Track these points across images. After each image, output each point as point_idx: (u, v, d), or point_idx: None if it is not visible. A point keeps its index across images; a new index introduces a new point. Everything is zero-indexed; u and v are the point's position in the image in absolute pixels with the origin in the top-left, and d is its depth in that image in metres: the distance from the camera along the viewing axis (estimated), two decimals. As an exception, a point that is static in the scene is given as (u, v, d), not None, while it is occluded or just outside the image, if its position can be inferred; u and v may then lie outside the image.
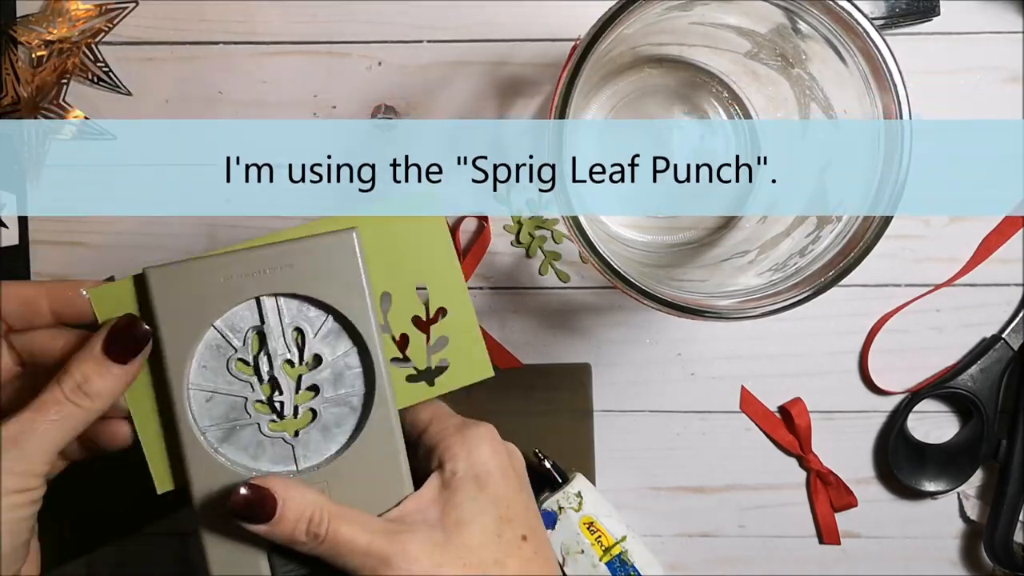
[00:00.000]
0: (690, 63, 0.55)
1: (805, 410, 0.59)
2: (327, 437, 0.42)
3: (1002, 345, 0.58)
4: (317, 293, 0.41)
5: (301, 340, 0.42)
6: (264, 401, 0.42)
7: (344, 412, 0.42)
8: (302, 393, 0.42)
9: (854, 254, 0.44)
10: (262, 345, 0.41)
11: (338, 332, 0.42)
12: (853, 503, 0.59)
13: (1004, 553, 0.58)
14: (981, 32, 0.57)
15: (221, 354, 0.41)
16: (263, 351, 0.41)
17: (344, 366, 0.42)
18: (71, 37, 0.56)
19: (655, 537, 0.60)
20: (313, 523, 0.39)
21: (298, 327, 0.42)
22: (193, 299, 0.40)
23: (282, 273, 0.41)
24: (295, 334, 0.42)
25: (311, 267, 0.41)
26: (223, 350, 0.41)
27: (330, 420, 0.42)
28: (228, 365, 0.41)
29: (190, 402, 0.41)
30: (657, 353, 0.59)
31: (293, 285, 0.41)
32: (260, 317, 0.41)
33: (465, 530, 0.40)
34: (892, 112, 0.43)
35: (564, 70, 0.42)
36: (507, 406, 0.58)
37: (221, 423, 0.41)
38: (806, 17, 0.44)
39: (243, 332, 0.41)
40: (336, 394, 0.42)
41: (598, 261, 0.43)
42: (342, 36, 0.57)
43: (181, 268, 0.40)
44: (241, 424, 0.41)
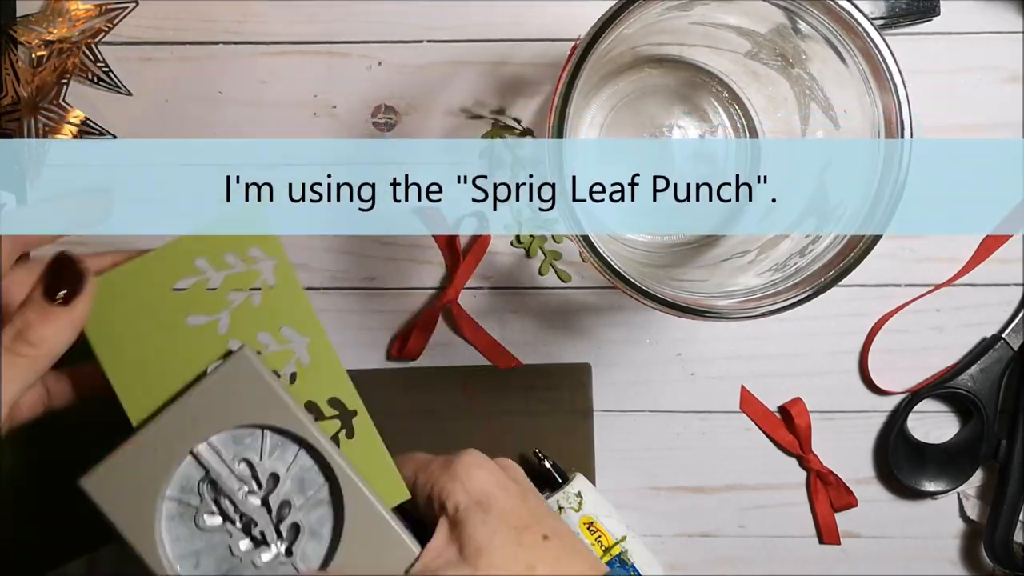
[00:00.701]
0: (690, 63, 0.55)
1: (805, 410, 0.59)
2: (318, 540, 0.43)
3: (1002, 345, 0.58)
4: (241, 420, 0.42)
5: (250, 469, 0.43)
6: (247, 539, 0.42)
7: (322, 511, 0.43)
8: (276, 512, 0.43)
9: (854, 254, 0.44)
10: (218, 491, 0.42)
11: (280, 442, 0.43)
12: (853, 503, 0.59)
13: (1004, 553, 0.58)
14: (981, 32, 0.57)
15: (186, 518, 0.42)
16: (221, 496, 0.42)
17: (300, 469, 0.43)
18: (71, 37, 0.56)
19: (655, 537, 0.60)
20: None
21: (244, 458, 0.42)
22: (135, 487, 0.41)
23: (200, 420, 0.42)
24: (243, 465, 0.43)
25: (222, 401, 0.42)
26: (186, 514, 0.42)
27: (314, 524, 0.43)
28: (197, 523, 0.42)
29: (180, 573, 0.42)
30: (657, 353, 0.59)
31: (216, 426, 0.42)
32: (203, 467, 0.42)
33: (486, 553, 0.41)
34: (892, 112, 0.43)
35: (564, 70, 0.42)
36: (507, 406, 0.58)
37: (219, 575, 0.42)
38: (806, 17, 0.44)
39: (194, 488, 0.42)
40: (306, 498, 0.43)
41: (598, 261, 0.43)
42: (342, 36, 0.57)
43: (111, 466, 0.41)
44: (234, 570, 0.42)
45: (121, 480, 0.41)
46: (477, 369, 0.58)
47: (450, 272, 0.58)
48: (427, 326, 0.58)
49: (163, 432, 0.41)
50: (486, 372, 0.58)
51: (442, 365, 0.59)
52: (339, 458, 0.42)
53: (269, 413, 0.42)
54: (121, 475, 0.41)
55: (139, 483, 0.41)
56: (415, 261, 0.58)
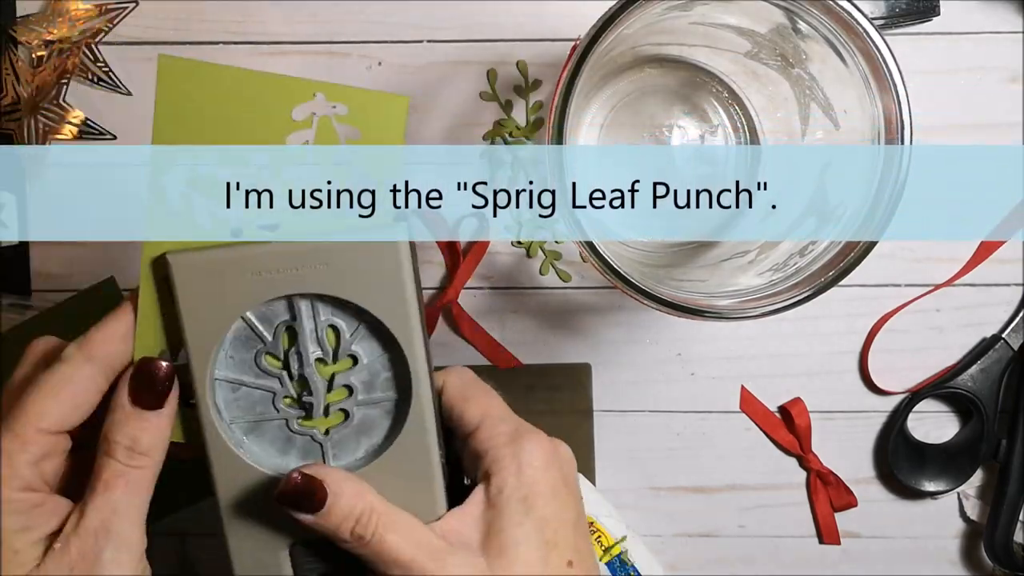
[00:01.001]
0: (690, 63, 0.55)
1: (805, 410, 0.59)
2: (359, 439, 0.40)
3: (1002, 345, 0.58)
4: (356, 299, 0.38)
5: (336, 338, 0.39)
6: (294, 398, 0.40)
7: (379, 415, 0.40)
8: (335, 392, 0.40)
9: (854, 254, 0.43)
10: (293, 341, 0.39)
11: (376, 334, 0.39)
12: (853, 503, 0.59)
13: (1004, 553, 0.58)
14: (981, 32, 0.57)
15: (250, 346, 0.39)
16: (294, 348, 0.39)
17: (381, 368, 0.40)
18: (71, 37, 0.56)
19: (655, 537, 0.60)
20: (360, 523, 0.37)
21: (333, 325, 0.39)
22: (218, 292, 0.38)
23: (316, 272, 0.38)
24: (330, 331, 0.39)
25: (349, 267, 0.38)
26: (252, 342, 0.39)
27: (363, 422, 0.40)
28: (256, 359, 0.39)
29: (215, 393, 0.39)
30: (657, 353, 0.59)
31: (330, 287, 0.38)
32: (292, 314, 0.39)
33: (507, 557, 0.39)
34: (892, 112, 0.43)
35: (564, 70, 0.42)
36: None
37: (247, 415, 0.39)
38: (806, 17, 0.44)
39: (274, 325, 0.39)
40: (369, 396, 0.40)
41: (598, 262, 0.43)
42: (342, 36, 0.57)
43: (206, 258, 0.38)
44: (268, 418, 0.39)
45: (208, 278, 0.37)
46: (477, 369, 0.58)
47: (450, 272, 0.58)
48: (427, 326, 0.58)
49: (274, 260, 0.38)
50: (486, 372, 0.58)
51: (442, 365, 0.58)
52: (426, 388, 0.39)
53: (390, 313, 0.38)
54: (211, 274, 0.37)
55: (225, 290, 0.38)
56: (415, 261, 0.58)
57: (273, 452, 0.40)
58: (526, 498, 0.39)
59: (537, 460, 0.40)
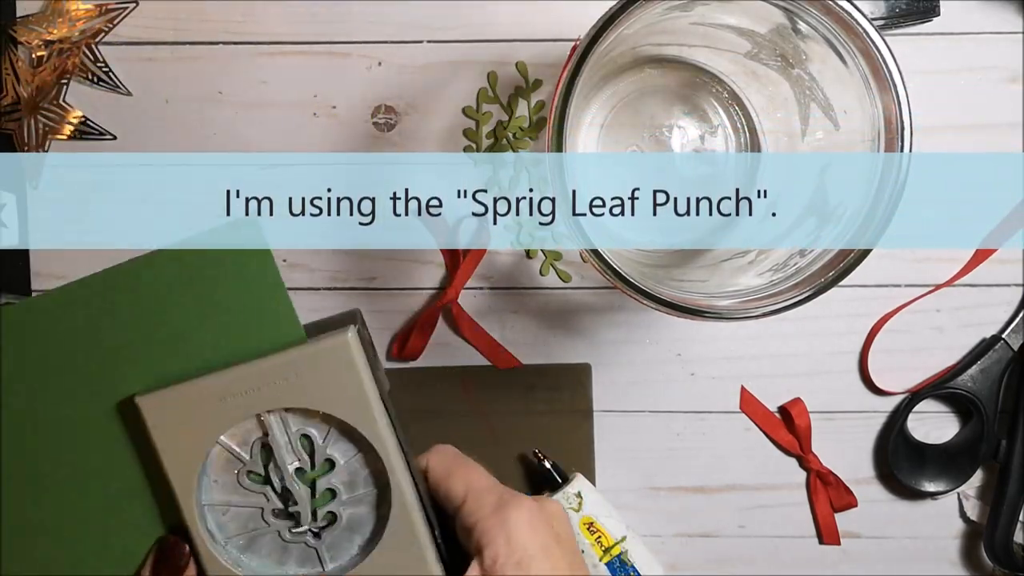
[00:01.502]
0: (690, 63, 0.55)
1: (805, 410, 0.59)
2: (351, 537, 0.42)
3: (1002, 345, 0.58)
4: (319, 406, 0.40)
5: (310, 446, 0.41)
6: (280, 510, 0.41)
7: (365, 511, 0.42)
8: (320, 496, 0.41)
9: (854, 254, 0.43)
10: (270, 456, 0.41)
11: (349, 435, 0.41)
12: (853, 503, 0.59)
13: (1004, 553, 0.58)
14: (981, 32, 0.57)
15: (231, 468, 0.41)
16: (272, 462, 0.41)
17: (359, 465, 0.41)
18: (71, 37, 0.56)
19: (655, 537, 0.60)
20: None
21: (305, 434, 0.41)
22: (190, 423, 0.39)
23: (278, 387, 0.39)
24: (303, 441, 0.41)
25: (309, 379, 0.39)
26: (232, 464, 0.41)
27: (352, 520, 0.42)
28: (239, 479, 0.41)
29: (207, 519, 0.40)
30: (657, 353, 0.59)
31: (292, 400, 0.40)
32: (263, 431, 0.40)
33: None
34: (892, 112, 0.43)
35: (564, 70, 0.42)
36: (507, 406, 0.58)
37: (241, 533, 0.41)
38: (806, 17, 0.44)
39: (250, 444, 0.41)
40: (353, 495, 0.41)
41: (599, 262, 0.43)
42: (342, 36, 0.57)
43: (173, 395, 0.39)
44: (261, 531, 0.41)
45: (179, 412, 0.39)
46: (477, 369, 0.58)
47: (450, 272, 0.58)
48: (427, 326, 0.58)
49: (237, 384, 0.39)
50: (486, 372, 0.58)
51: (442, 365, 0.59)
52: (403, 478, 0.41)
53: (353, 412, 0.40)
54: (181, 408, 0.39)
55: (196, 420, 0.39)
56: (415, 261, 0.58)
57: (271, 564, 0.41)
58: (519, 563, 0.41)
59: (524, 524, 0.41)
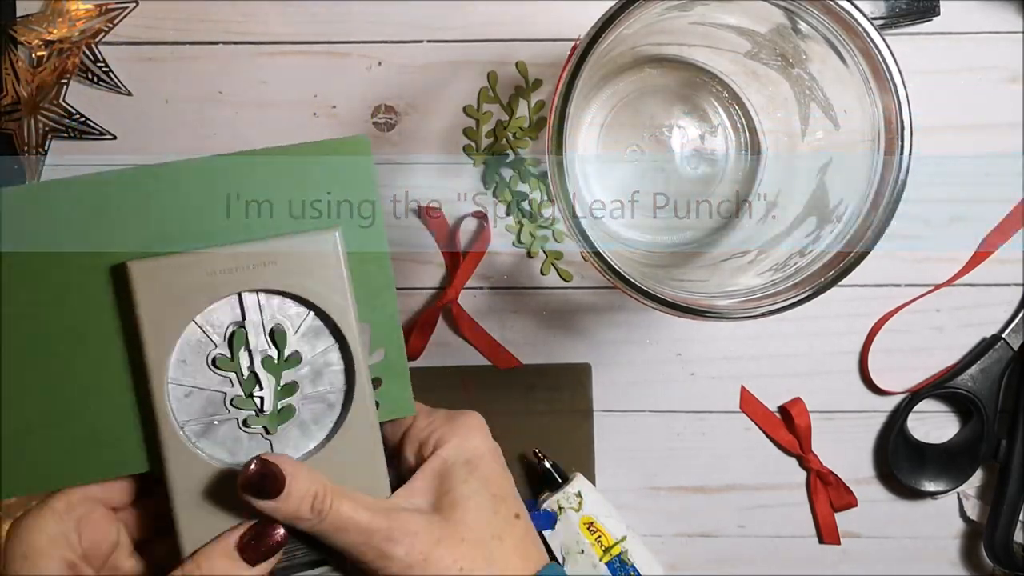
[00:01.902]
0: (690, 63, 0.55)
1: (805, 410, 0.59)
2: (305, 433, 0.42)
3: (1002, 345, 0.58)
4: (299, 290, 0.41)
5: (282, 337, 0.42)
6: (243, 396, 0.42)
7: (322, 409, 0.42)
8: (281, 388, 0.42)
9: (854, 254, 0.43)
10: (242, 341, 0.42)
11: (319, 329, 0.42)
12: (853, 503, 0.59)
13: (1004, 553, 0.58)
14: (981, 32, 0.57)
15: (201, 350, 0.41)
16: (243, 347, 0.42)
17: (324, 363, 0.42)
18: (71, 37, 0.56)
19: (655, 537, 0.60)
20: (317, 499, 0.39)
21: (278, 324, 0.42)
22: (175, 294, 0.41)
23: (265, 270, 0.41)
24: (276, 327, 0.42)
25: (294, 264, 0.41)
26: (203, 346, 0.41)
27: (308, 417, 0.42)
28: (208, 361, 0.41)
29: (169, 396, 0.41)
30: (657, 353, 0.59)
31: (275, 282, 0.41)
32: (241, 313, 0.41)
33: (460, 508, 0.41)
34: (892, 112, 0.43)
35: (564, 70, 0.42)
36: (507, 406, 0.58)
37: (200, 418, 0.42)
38: (806, 17, 0.44)
39: (223, 328, 0.41)
40: (315, 391, 0.42)
41: (599, 262, 0.43)
42: (342, 36, 0.57)
43: (164, 263, 0.41)
44: (220, 419, 0.42)
45: (166, 281, 0.40)
46: (477, 369, 0.58)
47: (450, 272, 0.58)
48: (427, 326, 0.58)
49: (226, 261, 0.41)
50: (486, 372, 0.58)
51: (442, 365, 0.59)
52: (365, 372, 0.42)
53: (328, 299, 0.42)
54: (169, 277, 0.41)
55: (181, 292, 0.41)
56: (415, 261, 0.58)
57: (224, 453, 0.42)
58: (469, 460, 0.42)
59: (476, 431, 0.43)
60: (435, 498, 0.42)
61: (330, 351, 0.42)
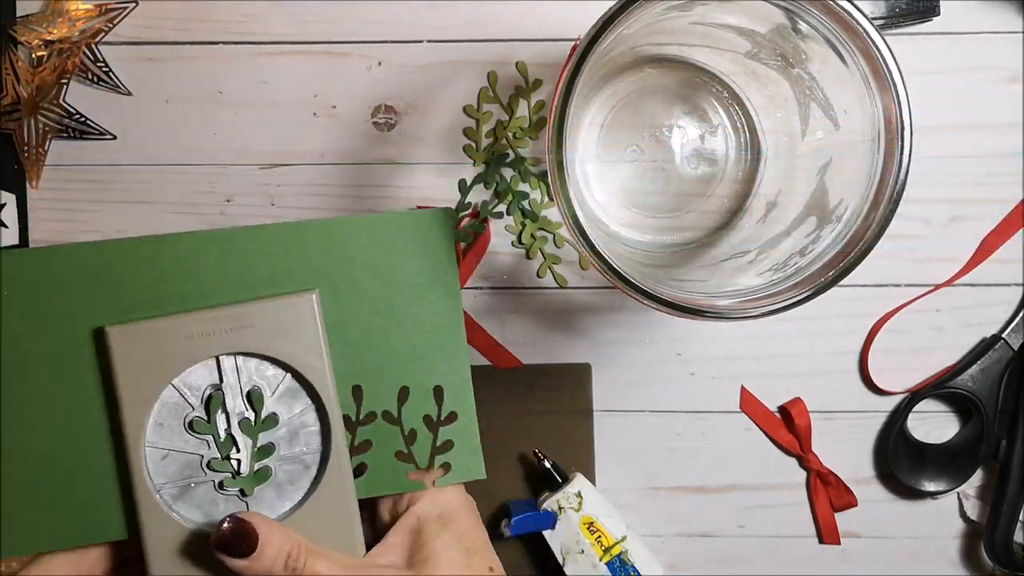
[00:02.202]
0: (690, 63, 0.55)
1: (805, 410, 0.59)
2: (281, 494, 0.43)
3: (1002, 345, 0.58)
4: (276, 353, 0.42)
5: (259, 399, 0.42)
6: (220, 459, 0.42)
7: (299, 469, 0.43)
8: (258, 450, 0.42)
9: (854, 254, 0.43)
10: (219, 404, 0.42)
11: (296, 390, 0.43)
12: (853, 503, 0.59)
13: (1004, 553, 0.58)
14: (981, 32, 0.57)
15: (178, 412, 0.42)
16: (220, 410, 0.42)
17: (300, 424, 0.43)
18: (71, 37, 0.56)
19: (655, 537, 0.60)
20: (291, 557, 0.40)
21: (256, 386, 0.42)
22: (153, 358, 0.41)
23: (242, 333, 0.41)
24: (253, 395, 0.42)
25: (271, 327, 0.42)
26: (180, 408, 0.42)
27: (284, 478, 0.43)
28: (185, 423, 0.42)
29: (146, 460, 0.41)
30: (657, 353, 0.59)
31: (253, 345, 0.42)
32: (219, 376, 0.42)
33: (432, 563, 0.41)
34: (892, 112, 0.43)
35: (564, 70, 0.42)
36: (507, 406, 0.58)
37: (176, 480, 0.42)
38: (806, 17, 0.44)
39: (201, 391, 0.42)
40: (291, 452, 0.43)
41: (599, 262, 0.43)
42: (342, 36, 0.57)
43: (142, 327, 0.41)
44: (196, 481, 0.42)
45: (144, 345, 0.41)
46: (477, 369, 0.58)
47: (450, 272, 0.58)
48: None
49: (204, 324, 0.41)
50: (486, 372, 0.58)
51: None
52: (340, 435, 0.42)
53: (305, 361, 0.42)
54: (147, 341, 0.41)
55: (158, 357, 0.41)
56: (415, 261, 0.58)
57: (200, 515, 0.42)
58: (442, 515, 0.43)
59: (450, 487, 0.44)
60: (409, 554, 0.42)
61: (307, 412, 0.43)
